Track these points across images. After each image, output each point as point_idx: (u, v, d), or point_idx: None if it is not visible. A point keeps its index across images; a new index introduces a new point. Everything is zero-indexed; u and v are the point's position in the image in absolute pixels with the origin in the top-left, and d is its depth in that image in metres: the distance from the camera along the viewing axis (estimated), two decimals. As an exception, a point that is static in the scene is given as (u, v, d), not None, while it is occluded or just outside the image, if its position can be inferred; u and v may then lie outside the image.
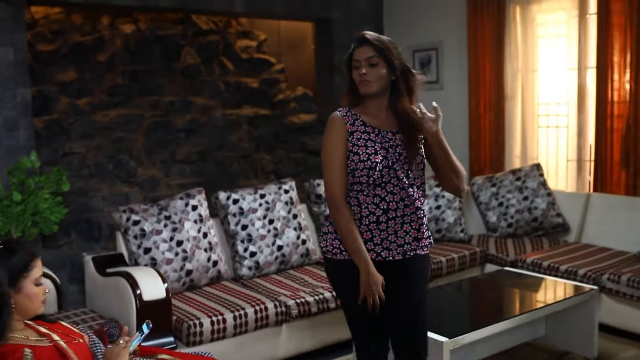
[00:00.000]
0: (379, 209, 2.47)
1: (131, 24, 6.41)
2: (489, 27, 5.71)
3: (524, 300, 3.70)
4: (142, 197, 5.52)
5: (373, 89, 2.49)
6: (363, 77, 2.48)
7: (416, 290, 2.56)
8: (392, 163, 2.47)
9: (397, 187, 2.47)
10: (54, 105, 5.71)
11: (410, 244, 2.51)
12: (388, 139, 2.51)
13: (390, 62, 2.47)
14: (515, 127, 5.64)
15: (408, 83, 2.51)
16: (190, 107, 6.21)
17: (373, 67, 2.48)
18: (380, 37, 2.52)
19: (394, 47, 2.52)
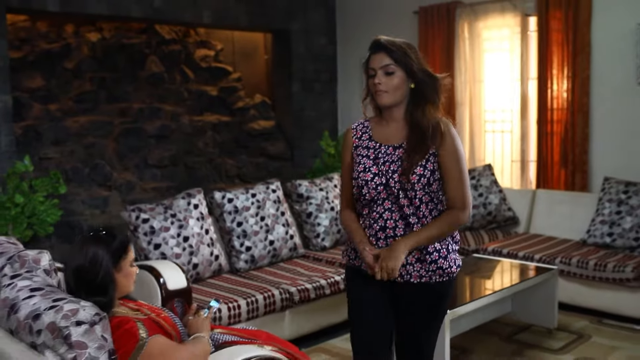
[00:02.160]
0: (377, 225, 2.35)
1: (96, 32, 6.59)
2: (439, 41, 6.28)
3: (499, 279, 4.24)
4: (120, 200, 5.73)
5: (389, 100, 2.33)
6: (378, 88, 2.31)
7: (420, 320, 2.42)
8: (386, 180, 2.32)
9: (395, 205, 2.32)
10: (27, 111, 5.83)
11: (413, 265, 2.34)
12: (387, 154, 2.36)
13: (409, 68, 2.31)
14: (464, 131, 6.23)
15: (430, 89, 2.34)
16: (159, 114, 6.45)
17: (389, 76, 2.31)
18: (395, 42, 2.35)
19: (413, 51, 2.35)
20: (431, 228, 2.30)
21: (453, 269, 2.39)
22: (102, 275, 2.28)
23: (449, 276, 2.38)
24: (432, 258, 2.33)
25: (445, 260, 2.35)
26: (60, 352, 2.03)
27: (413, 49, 2.38)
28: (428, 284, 2.36)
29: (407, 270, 2.34)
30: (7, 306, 2.26)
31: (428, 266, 2.34)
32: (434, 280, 2.36)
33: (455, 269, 2.40)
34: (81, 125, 6.10)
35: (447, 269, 2.37)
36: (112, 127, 6.19)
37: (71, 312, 2.04)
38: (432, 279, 2.35)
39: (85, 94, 6.30)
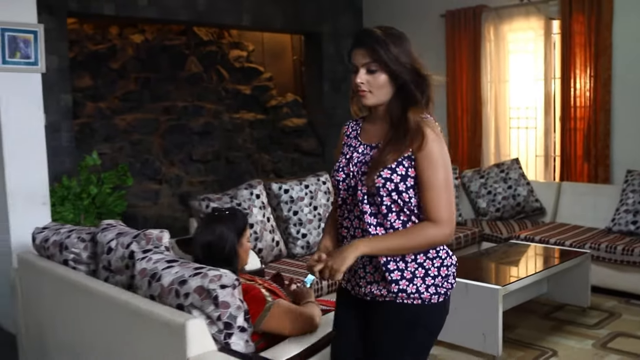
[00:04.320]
0: (349, 235, 2.15)
1: (140, 34, 6.94)
2: (466, 43, 6.66)
3: (538, 262, 4.62)
4: (170, 193, 6.08)
5: (373, 101, 2.08)
6: (360, 87, 2.06)
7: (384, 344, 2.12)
8: (355, 183, 2.10)
9: (361, 213, 2.08)
10: (82, 109, 6.17)
11: (378, 282, 2.10)
12: (362, 153, 2.14)
13: (391, 66, 2.03)
14: (489, 128, 6.62)
15: (416, 87, 2.05)
16: (202, 111, 6.81)
17: (372, 74, 2.05)
18: (379, 35, 2.05)
19: (398, 43, 2.06)
20: (394, 236, 2.02)
21: (425, 295, 2.05)
22: (228, 249, 2.65)
23: (422, 300, 2.06)
24: (391, 277, 2.05)
25: (410, 284, 2.05)
26: (207, 311, 2.39)
27: (399, 43, 2.07)
28: (394, 304, 2.08)
29: (372, 289, 2.12)
30: (147, 276, 2.62)
31: (389, 286, 2.06)
32: (399, 300, 2.07)
33: (430, 295, 2.06)
34: (128, 123, 6.45)
35: (414, 294, 2.05)
36: (157, 124, 6.55)
37: (216, 277, 2.39)
38: (397, 299, 2.07)
39: (131, 93, 6.65)
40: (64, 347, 3.24)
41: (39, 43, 4.37)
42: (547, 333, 4.23)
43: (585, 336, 4.15)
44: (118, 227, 3.21)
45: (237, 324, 2.42)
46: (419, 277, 2.05)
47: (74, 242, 3.26)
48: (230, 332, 2.41)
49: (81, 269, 3.22)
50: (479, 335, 3.86)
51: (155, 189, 6.04)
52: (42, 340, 3.47)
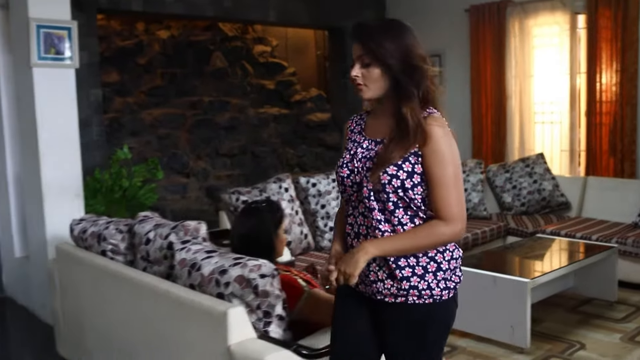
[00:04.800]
0: (353, 232, 2.10)
1: (165, 30, 7.02)
2: (490, 38, 6.67)
3: (565, 256, 4.64)
4: (198, 187, 6.17)
5: (368, 95, 2.04)
6: (355, 81, 2.03)
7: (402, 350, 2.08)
8: (360, 179, 2.05)
9: (367, 210, 2.03)
10: (110, 104, 6.27)
11: (383, 281, 2.03)
12: (367, 149, 2.08)
13: (383, 60, 1.97)
14: (514, 123, 6.63)
15: (413, 81, 1.98)
16: (227, 106, 6.88)
17: (366, 68, 2.00)
18: (372, 29, 2.01)
19: (393, 37, 1.99)
20: (403, 237, 1.98)
21: (436, 291, 2.00)
22: (265, 240, 2.72)
23: (433, 298, 2.01)
24: (403, 274, 1.99)
25: (422, 280, 2.00)
26: (247, 300, 2.45)
27: (394, 36, 2.00)
28: (405, 305, 2.02)
29: (378, 288, 2.04)
30: (187, 265, 2.69)
31: (399, 284, 2.00)
32: (411, 301, 2.01)
33: (441, 291, 2.01)
34: (155, 118, 6.54)
35: (426, 291, 2.00)
36: (184, 119, 6.63)
37: (256, 267, 2.46)
38: (408, 300, 2.02)
39: (157, 88, 6.74)
40: (103, 336, 3.32)
41: (73, 39, 4.46)
42: (574, 326, 4.25)
43: (612, 330, 4.17)
44: (155, 218, 3.29)
45: (275, 313, 2.48)
46: (431, 271, 2.00)
47: (111, 233, 3.34)
48: (269, 321, 2.48)
49: (119, 259, 3.30)
50: (507, 328, 3.90)
51: (183, 182, 6.13)
52: (80, 329, 3.55)
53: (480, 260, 4.46)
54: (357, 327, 2.15)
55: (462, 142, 6.89)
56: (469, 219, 5.65)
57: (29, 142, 4.55)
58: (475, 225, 5.48)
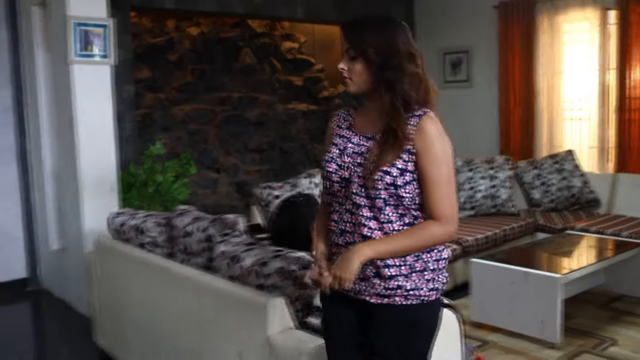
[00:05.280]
0: (338, 229, 2.06)
1: (196, 27, 7.11)
2: (519, 35, 6.65)
3: (598, 251, 4.63)
4: (228, 182, 6.25)
5: (354, 89, 2.03)
6: (342, 74, 2.03)
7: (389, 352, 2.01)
8: (349, 174, 2.01)
9: (354, 206, 2.00)
10: (142, 100, 6.37)
11: (369, 280, 1.98)
12: (357, 144, 2.04)
13: (365, 55, 1.95)
14: (542, 120, 6.61)
15: (393, 78, 1.95)
16: (256, 102, 6.95)
17: (353, 61, 1.99)
18: (358, 23, 2.01)
19: (379, 32, 1.97)
20: (397, 238, 1.95)
21: (423, 291, 1.97)
22: (303, 234, 2.77)
23: (420, 299, 1.98)
24: (390, 273, 1.95)
25: (408, 280, 1.96)
26: (287, 292, 2.51)
27: (380, 32, 1.97)
28: (391, 306, 1.98)
29: (365, 287, 2.00)
30: (227, 258, 2.76)
31: (387, 283, 1.96)
32: (398, 302, 1.97)
33: (429, 292, 1.98)
34: (185, 114, 6.64)
35: (413, 291, 1.97)
36: (214, 115, 6.71)
37: (296, 260, 2.51)
38: (394, 301, 1.98)
39: (187, 85, 6.83)
40: (142, 327, 3.40)
41: (109, 36, 4.55)
42: (605, 323, 4.26)
43: (644, 326, 4.17)
44: (192, 212, 3.37)
45: (314, 304, 2.54)
46: (418, 271, 1.97)
47: (150, 226, 3.43)
48: (308, 312, 2.53)
49: (157, 252, 3.38)
50: (538, 323, 3.92)
51: (213, 177, 6.21)
52: (119, 320, 3.64)
53: (509, 256, 4.48)
54: (342, 329, 2.12)
55: (489, 138, 6.94)
56: (497, 215, 5.70)
57: (66, 137, 4.66)
58: (504, 222, 5.49)
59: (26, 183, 5.37)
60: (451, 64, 7.35)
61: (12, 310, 5.13)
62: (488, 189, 5.77)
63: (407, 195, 1.95)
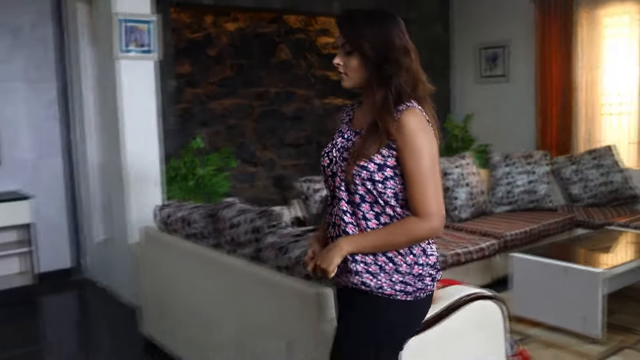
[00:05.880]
0: (331, 221, 2.09)
1: (233, 22, 7.18)
2: (557, 30, 6.61)
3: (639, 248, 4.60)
4: (265, 176, 6.32)
5: (349, 84, 2.03)
6: (337, 69, 2.02)
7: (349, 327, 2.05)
8: (336, 169, 2.03)
9: (336, 200, 2.04)
10: (182, 95, 6.47)
11: (350, 273, 2.00)
12: (347, 139, 2.06)
13: (361, 49, 1.94)
14: (580, 115, 6.57)
15: (389, 73, 1.95)
16: (293, 97, 7.02)
17: (348, 56, 1.98)
18: (354, 17, 1.99)
19: (376, 26, 1.95)
20: (379, 233, 1.95)
21: (387, 291, 1.97)
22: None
23: (386, 296, 1.97)
24: (356, 269, 1.97)
25: (374, 279, 1.97)
26: (336, 282, 2.56)
27: (377, 26, 1.96)
28: (361, 292, 2.00)
29: (342, 278, 2.06)
30: (275, 248, 2.82)
31: (353, 277, 1.98)
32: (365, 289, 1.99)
33: (394, 292, 1.97)
34: (224, 108, 6.73)
35: (378, 290, 1.97)
36: (251, 109, 6.79)
37: (345, 251, 2.56)
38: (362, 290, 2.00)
39: (226, 79, 6.92)
40: (188, 316, 3.49)
41: (154, 32, 4.65)
42: (648, 319, 4.24)
43: (687, 323, 4.14)
44: (238, 204, 3.43)
45: (362, 295, 2.58)
46: (388, 272, 1.96)
47: (196, 218, 3.50)
48: (357, 302, 2.58)
49: (203, 243, 3.46)
50: (579, 318, 3.92)
51: (251, 171, 6.29)
52: (165, 310, 3.73)
53: (550, 251, 4.47)
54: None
55: (525, 133, 6.91)
56: (535, 210, 5.68)
57: (111, 131, 4.77)
58: (543, 217, 5.48)
59: (71, 175, 5.51)
60: (487, 59, 7.33)
61: (58, 299, 5.27)
62: (526, 184, 5.76)
63: (388, 192, 1.94)
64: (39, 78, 5.36)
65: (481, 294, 2.80)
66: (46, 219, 5.40)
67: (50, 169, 5.45)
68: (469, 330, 2.69)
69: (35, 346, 4.37)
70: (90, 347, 4.41)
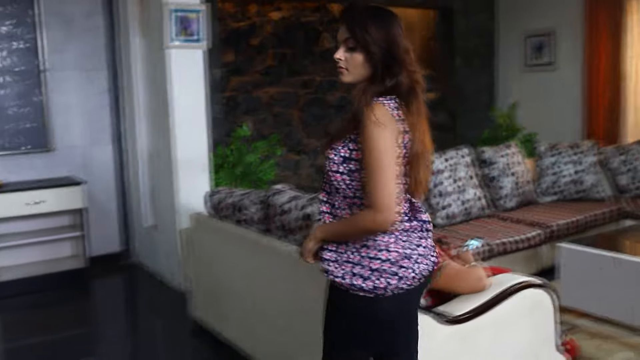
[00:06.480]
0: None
1: (277, 11, 7.24)
2: (605, 18, 6.50)
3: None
4: (309, 164, 6.38)
5: (349, 79, 2.03)
6: (338, 64, 2.03)
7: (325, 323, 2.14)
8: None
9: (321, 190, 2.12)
10: (227, 83, 6.56)
11: (322, 260, 2.07)
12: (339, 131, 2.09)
13: (367, 46, 1.96)
14: (629, 104, 6.45)
15: (389, 72, 1.97)
16: (336, 85, 7.06)
17: (351, 52, 1.99)
18: (360, 13, 1.99)
19: (380, 25, 1.97)
20: (340, 223, 2.01)
21: (347, 283, 1.98)
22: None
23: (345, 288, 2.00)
24: (324, 256, 2.04)
25: (338, 267, 2.00)
26: (388, 268, 2.60)
27: (381, 24, 1.98)
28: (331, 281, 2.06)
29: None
30: (327, 234, 2.87)
31: (322, 264, 2.05)
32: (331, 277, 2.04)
33: (350, 285, 1.98)
34: (270, 96, 6.80)
35: (339, 279, 2.00)
36: (297, 97, 6.85)
37: (397, 237, 2.59)
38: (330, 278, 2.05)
39: (270, 68, 6.98)
40: (237, 300, 3.56)
41: (203, 22, 4.72)
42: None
43: None
44: (288, 191, 3.48)
45: (414, 281, 2.61)
46: (352, 262, 1.98)
47: (247, 204, 3.57)
48: (408, 288, 2.61)
49: (253, 228, 3.52)
50: (627, 309, 3.88)
51: (295, 159, 6.35)
52: (215, 294, 3.82)
53: (597, 241, 4.43)
54: None
55: (572, 123, 6.82)
56: (582, 201, 5.62)
57: (161, 119, 4.87)
58: (590, 207, 5.42)
59: (121, 162, 5.65)
60: (533, 47, 7.24)
61: (109, 282, 5.42)
62: (573, 175, 5.70)
63: (355, 184, 1.96)
64: (91, 67, 5.49)
65: (532, 282, 2.82)
66: (97, 204, 5.55)
67: (100, 156, 5.59)
68: (520, 317, 2.71)
69: (88, 328, 4.51)
70: (141, 329, 4.53)
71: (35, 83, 5.20)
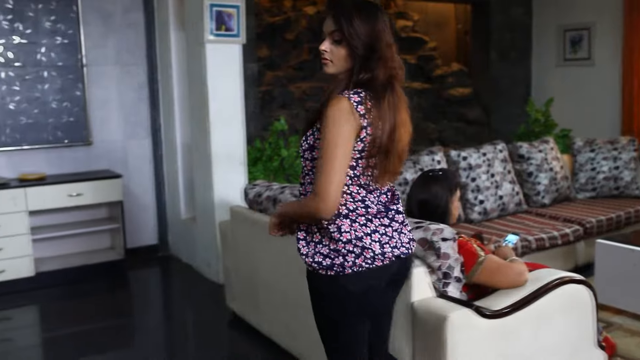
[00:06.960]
0: None
1: (312, 6, 7.25)
2: (646, 10, 6.38)
3: None
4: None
5: (330, 70, 2.08)
6: (323, 55, 2.07)
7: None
8: None
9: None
10: (262, 78, 6.60)
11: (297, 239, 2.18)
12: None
13: (352, 39, 2.00)
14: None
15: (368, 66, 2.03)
16: (371, 81, 7.06)
17: (336, 44, 2.03)
18: (347, 6, 2.03)
19: (365, 18, 2.01)
20: (292, 203, 2.20)
21: (313, 264, 2.08)
22: (442, 206, 2.86)
23: (312, 267, 2.10)
24: (298, 236, 2.14)
25: (306, 246, 2.11)
26: (429, 261, 2.61)
27: (366, 18, 2.02)
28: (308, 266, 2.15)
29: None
30: (366, 228, 2.89)
31: (296, 240, 2.15)
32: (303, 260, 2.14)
33: (312, 262, 2.08)
34: (303, 91, 6.82)
35: (305, 257, 2.11)
36: (330, 92, 6.86)
37: (438, 231, 2.61)
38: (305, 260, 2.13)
39: (304, 62, 7.00)
40: (274, 292, 3.60)
41: (240, 17, 4.76)
42: None
43: None
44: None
45: (454, 275, 2.62)
46: (315, 242, 2.08)
47: (287, 197, 3.60)
48: (448, 282, 2.62)
49: (291, 222, 3.55)
50: (667, 307, 3.84)
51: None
52: (252, 285, 3.86)
53: (630, 239, 4.37)
54: None
55: (610, 118, 6.73)
56: (620, 197, 5.55)
57: (199, 113, 4.93)
58: (627, 204, 5.35)
59: (158, 156, 5.73)
60: (570, 42, 7.15)
61: (146, 274, 5.51)
62: (610, 171, 5.63)
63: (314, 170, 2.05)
64: (129, 62, 5.58)
65: (572, 278, 2.80)
66: (134, 197, 5.64)
67: (138, 150, 5.68)
68: (559, 313, 2.70)
69: (126, 318, 4.60)
70: (178, 320, 4.60)
71: (76, 78, 5.30)
